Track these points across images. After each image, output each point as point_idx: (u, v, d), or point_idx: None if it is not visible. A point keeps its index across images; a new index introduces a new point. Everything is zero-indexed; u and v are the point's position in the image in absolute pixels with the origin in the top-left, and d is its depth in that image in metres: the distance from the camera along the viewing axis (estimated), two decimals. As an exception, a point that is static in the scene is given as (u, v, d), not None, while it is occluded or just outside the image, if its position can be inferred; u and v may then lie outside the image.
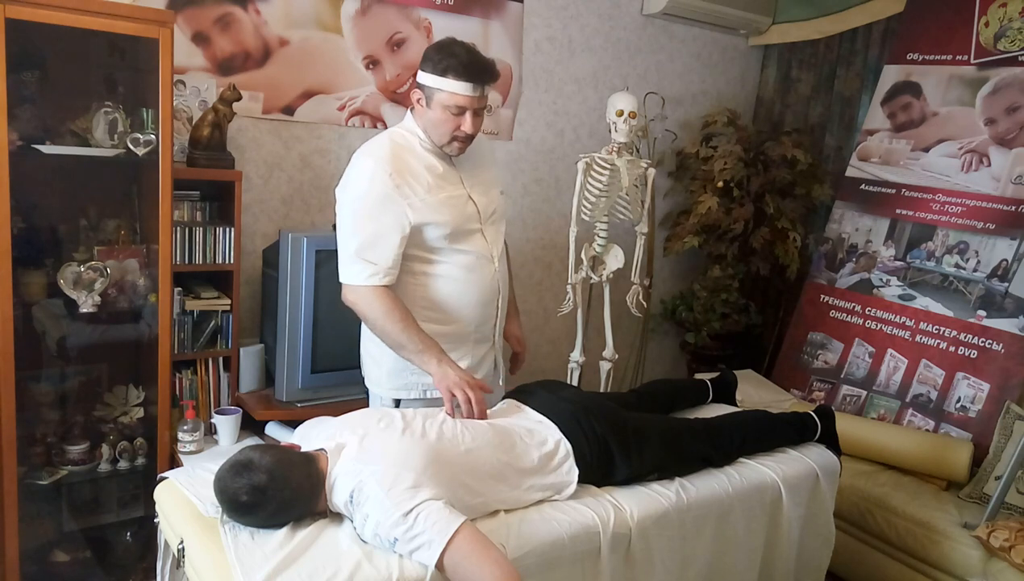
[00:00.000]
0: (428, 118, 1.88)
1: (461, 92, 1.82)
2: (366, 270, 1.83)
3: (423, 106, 1.88)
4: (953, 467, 2.63)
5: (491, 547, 1.41)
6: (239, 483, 1.45)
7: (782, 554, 2.01)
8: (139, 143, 2.18)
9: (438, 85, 1.82)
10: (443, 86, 1.82)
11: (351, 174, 1.89)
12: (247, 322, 2.71)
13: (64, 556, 2.35)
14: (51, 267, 2.19)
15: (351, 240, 1.84)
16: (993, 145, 3.05)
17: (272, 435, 2.48)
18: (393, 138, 1.92)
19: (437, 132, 1.89)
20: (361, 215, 1.83)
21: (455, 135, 1.88)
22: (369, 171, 1.84)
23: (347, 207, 1.87)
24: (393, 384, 1.98)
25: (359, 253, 1.82)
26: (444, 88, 1.82)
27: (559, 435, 1.75)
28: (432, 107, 1.85)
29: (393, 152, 1.86)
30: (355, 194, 1.86)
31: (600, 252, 2.86)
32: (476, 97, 1.84)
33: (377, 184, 1.82)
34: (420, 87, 1.87)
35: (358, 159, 1.89)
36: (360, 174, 1.86)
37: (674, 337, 3.99)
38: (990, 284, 2.93)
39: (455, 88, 1.82)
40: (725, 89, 4.01)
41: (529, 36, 3.33)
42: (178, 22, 2.48)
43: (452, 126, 1.86)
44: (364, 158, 1.87)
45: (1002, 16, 3.08)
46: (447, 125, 1.86)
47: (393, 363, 1.95)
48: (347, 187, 1.89)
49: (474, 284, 1.96)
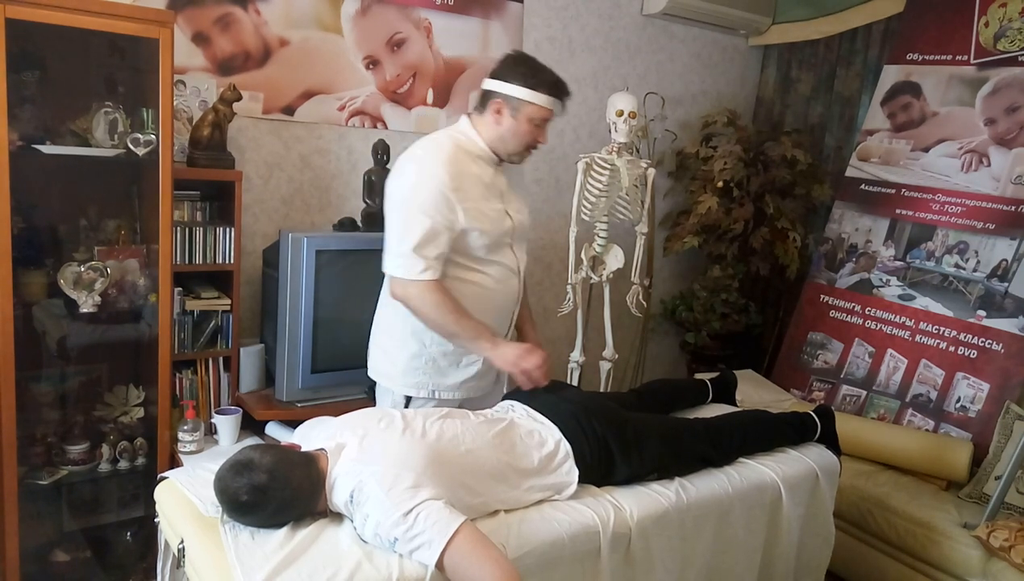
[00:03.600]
0: (507, 127, 1.93)
1: (549, 106, 1.92)
2: (419, 265, 1.84)
3: (503, 116, 1.92)
4: (953, 467, 2.63)
5: (491, 547, 1.41)
6: (239, 483, 1.45)
7: (782, 554, 2.01)
8: (139, 143, 2.18)
9: (529, 98, 1.90)
10: (534, 100, 1.90)
11: (410, 170, 1.89)
12: (247, 322, 2.71)
13: (64, 556, 2.35)
14: (51, 267, 2.19)
15: (407, 236, 1.84)
16: (993, 145, 3.05)
17: (272, 435, 2.48)
18: (454, 140, 1.94)
19: (515, 141, 1.94)
20: (419, 211, 1.83)
21: (531, 145, 1.97)
22: (429, 169, 1.85)
23: (404, 202, 1.87)
24: (406, 382, 2.00)
25: (416, 249, 1.83)
26: (535, 101, 1.90)
27: (559, 436, 1.76)
28: (518, 118, 1.92)
29: (454, 154, 1.89)
30: (414, 190, 1.85)
31: (600, 252, 2.86)
32: (555, 111, 1.96)
33: (436, 182, 1.84)
34: (503, 98, 1.91)
35: (418, 156, 1.90)
36: (421, 171, 1.87)
37: (674, 337, 3.99)
38: (990, 284, 2.93)
39: (545, 102, 1.91)
40: (725, 89, 4.01)
41: (529, 36, 3.33)
42: (178, 22, 2.49)
43: (532, 137, 1.95)
44: (424, 155, 1.89)
45: (1002, 16, 3.08)
46: (528, 136, 1.94)
47: (407, 362, 1.98)
48: (404, 183, 1.89)
49: (498, 295, 2.00)
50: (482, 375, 2.04)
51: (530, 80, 1.89)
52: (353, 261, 2.50)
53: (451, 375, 2.00)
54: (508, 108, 1.91)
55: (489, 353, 1.91)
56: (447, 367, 1.99)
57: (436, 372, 1.98)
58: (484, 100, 1.95)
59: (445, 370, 1.99)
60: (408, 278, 1.85)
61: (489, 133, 1.95)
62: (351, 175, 2.95)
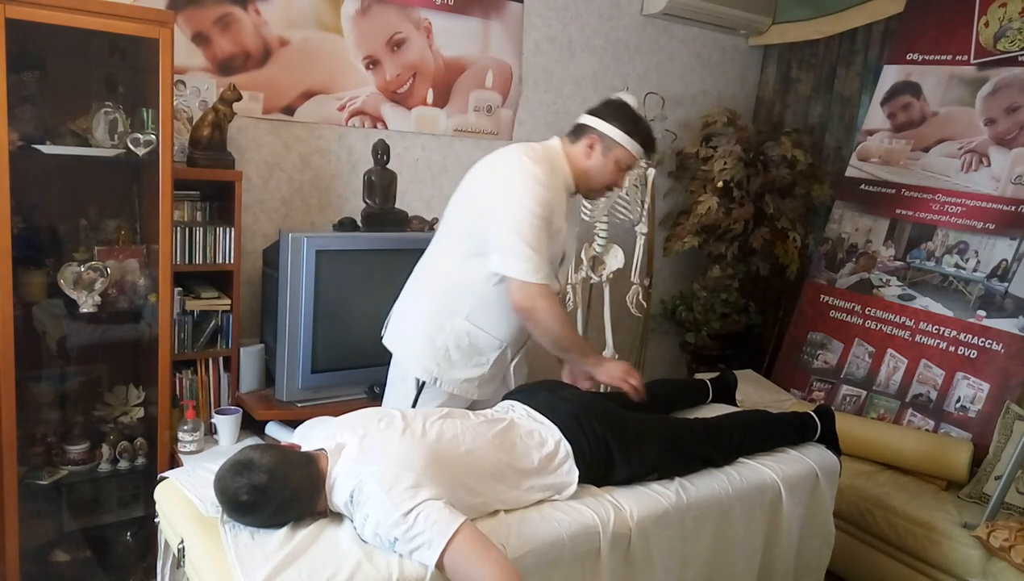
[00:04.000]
0: (595, 164, 2.00)
1: (637, 156, 2.02)
2: (543, 268, 1.88)
3: (595, 152, 1.99)
4: (953, 467, 2.63)
5: (491, 547, 1.41)
6: (239, 483, 1.45)
7: (782, 554, 2.01)
8: (139, 143, 2.18)
9: (624, 143, 1.98)
10: (630, 148, 1.99)
11: (520, 171, 1.90)
12: (247, 322, 2.71)
13: (64, 556, 2.35)
14: (51, 267, 2.19)
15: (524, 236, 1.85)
16: (993, 145, 3.05)
17: (272, 435, 2.48)
18: (550, 156, 1.99)
19: (598, 178, 2.03)
20: (533, 214, 1.86)
21: (611, 185, 2.06)
22: (538, 174, 1.90)
23: (515, 203, 1.87)
24: (418, 363, 2.03)
25: (536, 251, 1.86)
26: (628, 147, 1.99)
27: (559, 436, 1.76)
28: (607, 157, 2.00)
29: (553, 169, 1.96)
30: (525, 191, 1.88)
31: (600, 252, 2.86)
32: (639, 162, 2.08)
33: (542, 185, 1.89)
34: (599, 135, 1.99)
35: (520, 159, 1.92)
36: (531, 175, 1.90)
37: (674, 337, 3.99)
38: (990, 284, 2.93)
39: (636, 151, 2.00)
40: (725, 89, 4.01)
41: (529, 36, 3.33)
42: (178, 22, 2.49)
43: (613, 180, 2.04)
44: (527, 160, 1.92)
45: (1002, 16, 3.08)
46: (611, 177, 2.03)
47: (422, 344, 2.02)
48: (512, 183, 1.90)
49: None
50: (484, 382, 2.06)
51: (629, 126, 1.98)
52: (353, 261, 2.50)
53: (458, 370, 2.02)
54: (601, 146, 1.99)
55: (595, 368, 2.01)
56: (458, 360, 2.01)
57: (447, 362, 2.01)
58: (579, 133, 2.02)
59: (456, 363, 2.01)
60: (535, 281, 1.86)
61: (576, 164, 2.02)
62: (351, 175, 2.95)
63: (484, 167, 2.00)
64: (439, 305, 2.00)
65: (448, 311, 1.99)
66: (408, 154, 3.10)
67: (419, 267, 2.13)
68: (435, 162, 3.18)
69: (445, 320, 1.99)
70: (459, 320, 1.99)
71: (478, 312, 1.98)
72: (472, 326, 1.99)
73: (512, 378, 2.15)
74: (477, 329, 2.00)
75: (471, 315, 1.98)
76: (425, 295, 2.05)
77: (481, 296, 1.97)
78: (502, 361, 2.07)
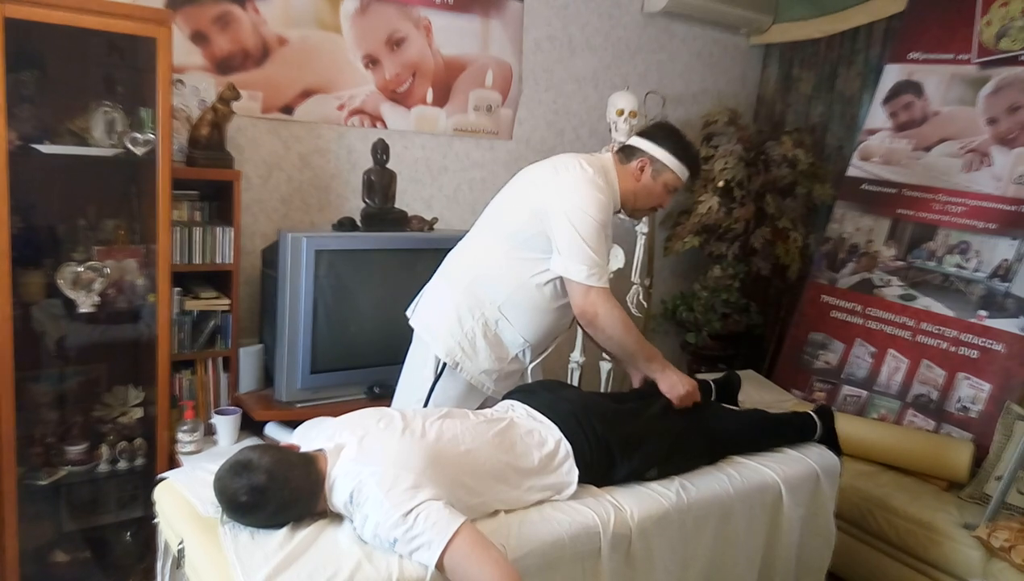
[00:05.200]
0: (645, 186, 2.06)
1: (685, 180, 2.09)
2: (603, 274, 1.93)
3: (645, 174, 2.05)
4: (954, 467, 2.62)
5: (491, 547, 1.40)
6: (238, 483, 1.44)
7: (782, 554, 2.01)
8: (138, 143, 2.18)
9: (675, 169, 2.04)
10: (679, 172, 2.05)
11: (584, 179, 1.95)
12: (246, 322, 2.70)
13: (64, 556, 2.35)
14: (50, 267, 2.18)
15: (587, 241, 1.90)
16: (995, 145, 3.04)
17: (271, 435, 2.48)
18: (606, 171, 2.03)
19: (646, 199, 2.08)
20: (592, 218, 1.91)
21: (656, 207, 2.14)
22: (600, 185, 1.96)
23: (587, 212, 1.91)
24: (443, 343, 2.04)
25: (600, 256, 1.92)
26: (679, 174, 2.05)
27: (559, 435, 1.75)
28: (657, 180, 2.05)
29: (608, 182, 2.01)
30: (587, 198, 1.92)
31: (600, 252, 2.85)
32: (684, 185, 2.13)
33: (603, 195, 1.95)
34: (651, 159, 2.04)
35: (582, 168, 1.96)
36: (594, 184, 1.95)
37: (674, 337, 3.99)
38: (991, 284, 2.92)
39: (683, 175, 2.07)
40: (726, 88, 4.01)
41: (529, 35, 3.32)
42: (177, 21, 2.48)
43: (659, 201, 2.11)
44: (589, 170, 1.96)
45: (1004, 15, 3.08)
46: (657, 199, 2.09)
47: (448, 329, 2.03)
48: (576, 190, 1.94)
49: (562, 316, 2.08)
50: (501, 378, 2.07)
51: (679, 151, 2.04)
52: (353, 261, 2.49)
53: (480, 359, 2.03)
54: (652, 168, 2.04)
55: (658, 374, 2.01)
56: (482, 349, 2.03)
57: (471, 348, 2.03)
58: (630, 154, 2.07)
59: (479, 351, 2.03)
60: (598, 286, 1.91)
61: (626, 184, 2.06)
62: (350, 175, 2.94)
63: (542, 170, 2.04)
64: (474, 293, 2.03)
65: (482, 299, 2.02)
66: (407, 154, 3.09)
67: (454, 257, 2.15)
68: (435, 161, 3.17)
69: (476, 307, 2.02)
70: (491, 309, 2.02)
71: (511, 306, 2.02)
72: (502, 317, 2.02)
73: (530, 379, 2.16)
74: (506, 321, 2.02)
75: (504, 306, 2.01)
76: (461, 283, 2.06)
77: (519, 292, 2.01)
78: (521, 360, 2.09)
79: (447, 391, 2.05)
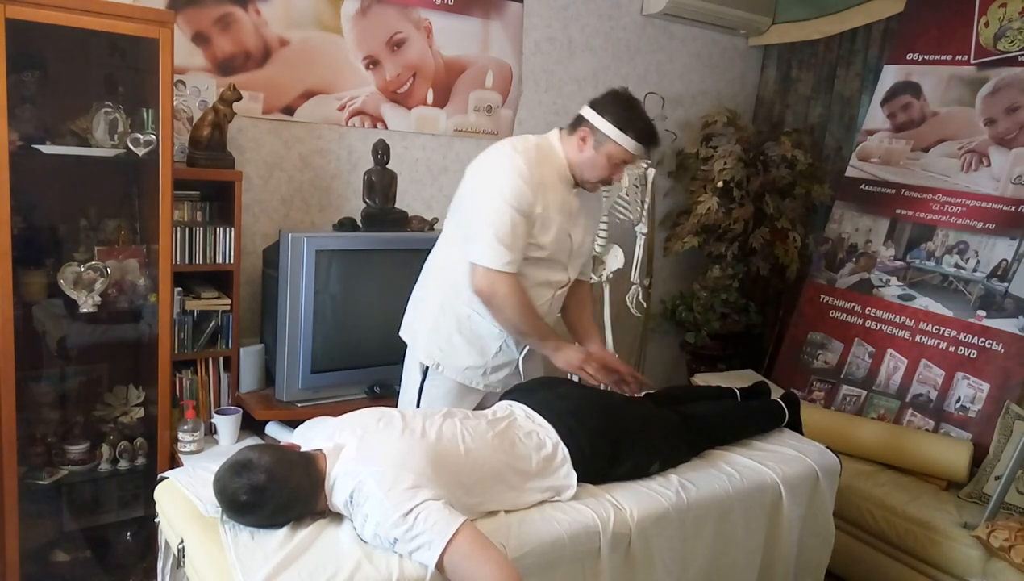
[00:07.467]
0: (587, 157, 1.96)
1: (632, 151, 1.94)
2: (504, 255, 1.88)
3: (587, 145, 1.95)
4: (953, 467, 2.63)
5: (491, 547, 1.41)
6: (238, 483, 1.45)
7: (782, 554, 2.01)
8: (139, 143, 2.18)
9: (615, 137, 1.91)
10: (620, 141, 1.91)
11: (496, 161, 1.93)
12: (247, 322, 2.71)
13: (64, 556, 2.35)
14: (51, 267, 2.19)
15: (490, 223, 1.87)
16: (993, 145, 3.05)
17: (272, 435, 2.48)
18: (540, 145, 1.98)
19: (591, 172, 1.97)
20: (502, 200, 1.87)
21: (605, 180, 2.00)
22: (517, 162, 1.89)
23: (488, 192, 1.90)
24: (425, 348, 2.07)
25: (499, 238, 1.87)
26: (620, 142, 1.91)
27: (556, 438, 1.76)
28: (599, 152, 1.94)
29: (538, 156, 1.94)
30: (499, 180, 1.89)
31: (600, 252, 2.86)
32: (638, 157, 1.98)
33: (523, 180, 1.88)
34: (591, 129, 1.94)
35: (504, 150, 1.93)
36: (508, 163, 1.90)
37: (674, 337, 3.99)
38: (990, 284, 2.93)
39: (630, 146, 1.92)
40: (725, 89, 4.01)
41: (529, 36, 3.33)
42: (178, 22, 2.48)
43: (608, 173, 1.97)
44: (511, 151, 1.92)
45: (1002, 16, 3.08)
46: (603, 171, 1.97)
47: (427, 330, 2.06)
48: (490, 172, 1.92)
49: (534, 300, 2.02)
50: (488, 370, 2.07)
51: (622, 121, 1.91)
52: (353, 261, 2.50)
53: (461, 356, 2.04)
54: (593, 139, 1.94)
55: (552, 353, 2.00)
56: (460, 345, 2.03)
57: (449, 346, 2.03)
58: (575, 125, 1.98)
59: (458, 347, 2.04)
60: (495, 268, 1.88)
61: (571, 156, 1.98)
62: (351, 175, 2.95)
63: (475, 162, 2.01)
64: (444, 292, 2.04)
65: (451, 296, 2.03)
66: (408, 154, 3.10)
67: (427, 260, 2.16)
68: (435, 162, 3.18)
69: (447, 305, 2.03)
70: (460, 305, 2.02)
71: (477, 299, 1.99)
72: (472, 311, 2.01)
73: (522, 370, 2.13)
74: (476, 314, 2.01)
75: (471, 300, 1.99)
76: (432, 285, 2.09)
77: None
78: (508, 351, 2.07)
79: (434, 392, 2.07)
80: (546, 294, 2.05)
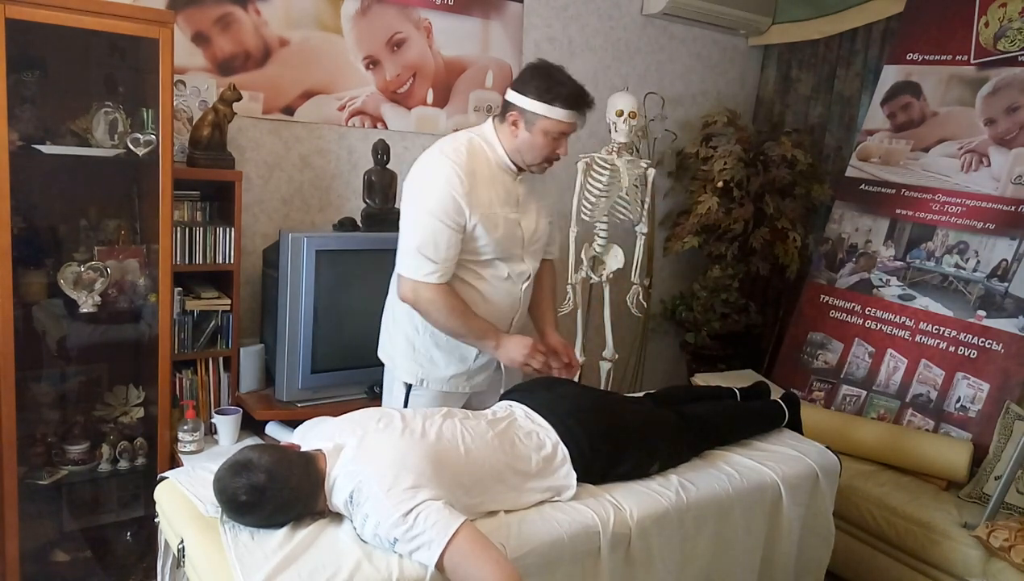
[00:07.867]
0: (523, 140, 1.90)
1: (567, 120, 1.87)
2: (425, 267, 1.85)
3: (519, 128, 1.89)
4: (953, 467, 2.63)
5: (491, 547, 1.41)
6: (238, 483, 1.45)
7: (782, 554, 2.01)
8: (139, 143, 2.18)
9: (544, 112, 1.85)
10: (549, 114, 1.85)
11: (424, 171, 1.90)
12: (247, 322, 2.71)
13: (64, 556, 2.35)
14: (51, 267, 2.19)
15: (413, 235, 1.86)
16: (993, 145, 3.05)
17: (272, 435, 2.48)
18: (472, 143, 1.93)
19: (531, 154, 1.91)
20: (428, 213, 1.84)
21: (549, 158, 1.93)
22: (444, 171, 1.85)
23: (415, 202, 1.88)
24: (404, 367, 2.04)
25: (420, 249, 1.85)
26: (550, 116, 1.85)
27: (556, 438, 1.75)
28: (533, 132, 1.88)
29: (469, 156, 1.89)
30: (426, 192, 1.86)
31: (600, 252, 2.86)
32: (576, 124, 1.90)
33: (449, 186, 1.84)
34: (519, 111, 1.88)
35: (433, 157, 1.91)
36: (434, 172, 1.87)
37: (674, 337, 3.99)
38: (990, 284, 2.93)
39: (561, 116, 1.85)
40: (725, 89, 4.01)
41: (529, 36, 3.33)
42: (178, 22, 2.48)
43: (550, 150, 1.91)
44: (440, 157, 1.89)
45: (1002, 16, 3.08)
46: (545, 149, 1.90)
47: (404, 348, 2.03)
48: (417, 183, 1.90)
49: (501, 299, 2.01)
50: (472, 374, 2.05)
51: (545, 93, 1.84)
52: (353, 261, 2.50)
53: (443, 368, 2.02)
54: (523, 121, 1.88)
55: (493, 351, 1.96)
56: (440, 359, 2.02)
57: (429, 362, 2.02)
58: (504, 111, 1.93)
59: (438, 362, 2.02)
60: (415, 279, 1.87)
61: (508, 144, 1.93)
62: (351, 175, 2.95)
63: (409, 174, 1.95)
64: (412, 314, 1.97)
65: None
66: (408, 154, 3.09)
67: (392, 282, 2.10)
68: (435, 162, 3.17)
69: (419, 321, 1.98)
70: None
71: None
72: None
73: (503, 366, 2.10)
74: None
75: None
76: (399, 308, 2.02)
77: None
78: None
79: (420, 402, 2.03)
80: (514, 289, 2.02)
